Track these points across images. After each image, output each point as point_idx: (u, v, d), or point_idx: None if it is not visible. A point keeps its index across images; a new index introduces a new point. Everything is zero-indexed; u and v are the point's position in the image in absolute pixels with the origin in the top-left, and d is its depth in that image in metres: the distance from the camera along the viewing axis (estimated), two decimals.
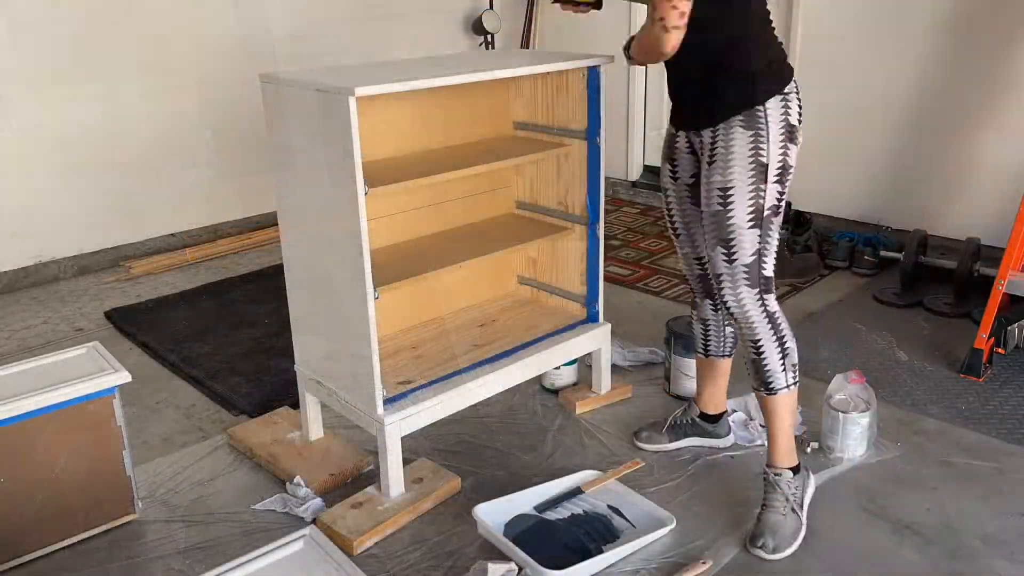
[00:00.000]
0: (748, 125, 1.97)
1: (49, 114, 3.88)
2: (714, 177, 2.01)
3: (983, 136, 3.72)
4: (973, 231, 3.73)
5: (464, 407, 2.37)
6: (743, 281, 2.04)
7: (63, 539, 2.12)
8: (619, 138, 5.12)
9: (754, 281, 2.04)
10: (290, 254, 2.33)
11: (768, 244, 2.03)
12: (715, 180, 2.01)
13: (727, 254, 2.03)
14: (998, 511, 2.19)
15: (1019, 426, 2.57)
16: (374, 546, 2.11)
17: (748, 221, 1.99)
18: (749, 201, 1.99)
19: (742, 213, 1.99)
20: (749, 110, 1.97)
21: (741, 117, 1.97)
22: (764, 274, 2.05)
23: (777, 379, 2.09)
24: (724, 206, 2.00)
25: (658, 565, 2.01)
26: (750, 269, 2.03)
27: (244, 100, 4.42)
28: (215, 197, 4.51)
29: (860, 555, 2.04)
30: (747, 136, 1.97)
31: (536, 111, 2.66)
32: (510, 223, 2.75)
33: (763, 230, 2.01)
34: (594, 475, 2.28)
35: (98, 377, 2.10)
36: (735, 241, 2.01)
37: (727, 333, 2.37)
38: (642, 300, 3.64)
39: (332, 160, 2.01)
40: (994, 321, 2.82)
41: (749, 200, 1.99)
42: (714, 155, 2.02)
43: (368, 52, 4.90)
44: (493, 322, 2.71)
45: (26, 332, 3.47)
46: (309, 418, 2.49)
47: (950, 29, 3.72)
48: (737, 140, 1.98)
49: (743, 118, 1.97)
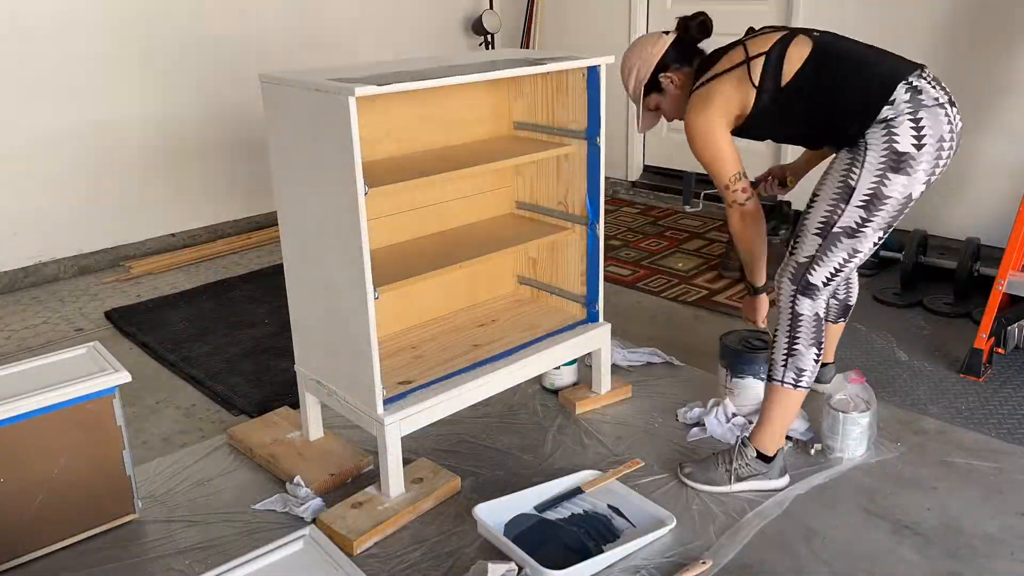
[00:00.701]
0: (850, 151, 2.11)
1: (49, 114, 3.88)
2: (816, 186, 2.20)
3: (983, 136, 3.72)
4: (973, 231, 3.74)
5: (464, 407, 2.37)
6: (789, 273, 2.21)
7: (63, 539, 2.12)
8: (619, 138, 5.13)
9: (796, 279, 2.19)
10: (290, 254, 2.33)
11: (826, 257, 2.15)
12: (816, 188, 2.20)
13: (793, 246, 2.22)
14: (998, 511, 2.19)
15: (1019, 426, 2.57)
16: (374, 546, 2.11)
17: (816, 229, 2.15)
18: (824, 213, 2.13)
19: (814, 220, 2.15)
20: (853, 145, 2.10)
21: (848, 147, 2.12)
22: (808, 279, 2.18)
23: (776, 370, 2.22)
24: (808, 208, 2.19)
25: (658, 565, 2.01)
26: (799, 268, 2.18)
27: (244, 100, 4.43)
28: (215, 197, 4.52)
29: (860, 555, 2.04)
30: (846, 159, 2.11)
31: (536, 111, 2.66)
32: (510, 223, 2.75)
33: (826, 242, 2.14)
34: (594, 475, 2.28)
35: (98, 377, 2.10)
36: (800, 239, 2.19)
37: (833, 304, 2.59)
38: (642, 300, 3.63)
39: (332, 160, 2.01)
40: (994, 321, 2.82)
41: (824, 212, 2.13)
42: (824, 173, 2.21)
43: (368, 52, 4.91)
44: (493, 322, 2.71)
45: (26, 332, 3.47)
46: (309, 418, 2.49)
47: (950, 29, 3.72)
48: (839, 161, 2.14)
49: (849, 148, 2.12)
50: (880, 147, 2.04)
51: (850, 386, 2.45)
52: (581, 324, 2.68)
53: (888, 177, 2.05)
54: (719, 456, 2.29)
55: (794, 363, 2.18)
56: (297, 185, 2.20)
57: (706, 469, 2.28)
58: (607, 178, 5.26)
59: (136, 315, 3.56)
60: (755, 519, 2.16)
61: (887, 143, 2.03)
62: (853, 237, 2.11)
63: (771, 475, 2.26)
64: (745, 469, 2.25)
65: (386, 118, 2.42)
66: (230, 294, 3.80)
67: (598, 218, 2.58)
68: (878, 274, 3.77)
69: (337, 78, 2.01)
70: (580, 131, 2.53)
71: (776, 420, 2.24)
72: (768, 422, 2.25)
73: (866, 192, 2.06)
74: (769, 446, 2.25)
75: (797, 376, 2.19)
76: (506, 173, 2.80)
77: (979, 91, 3.68)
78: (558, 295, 2.80)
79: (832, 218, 2.11)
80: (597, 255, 2.63)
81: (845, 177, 2.08)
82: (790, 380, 2.19)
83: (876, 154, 2.04)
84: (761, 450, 2.25)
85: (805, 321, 2.18)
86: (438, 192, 2.63)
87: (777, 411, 2.23)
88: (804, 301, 2.18)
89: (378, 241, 2.49)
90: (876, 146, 2.04)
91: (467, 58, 2.50)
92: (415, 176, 2.19)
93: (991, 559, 2.02)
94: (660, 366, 2.99)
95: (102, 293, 3.87)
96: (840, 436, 2.39)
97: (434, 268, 2.32)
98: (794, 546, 2.07)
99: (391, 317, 2.61)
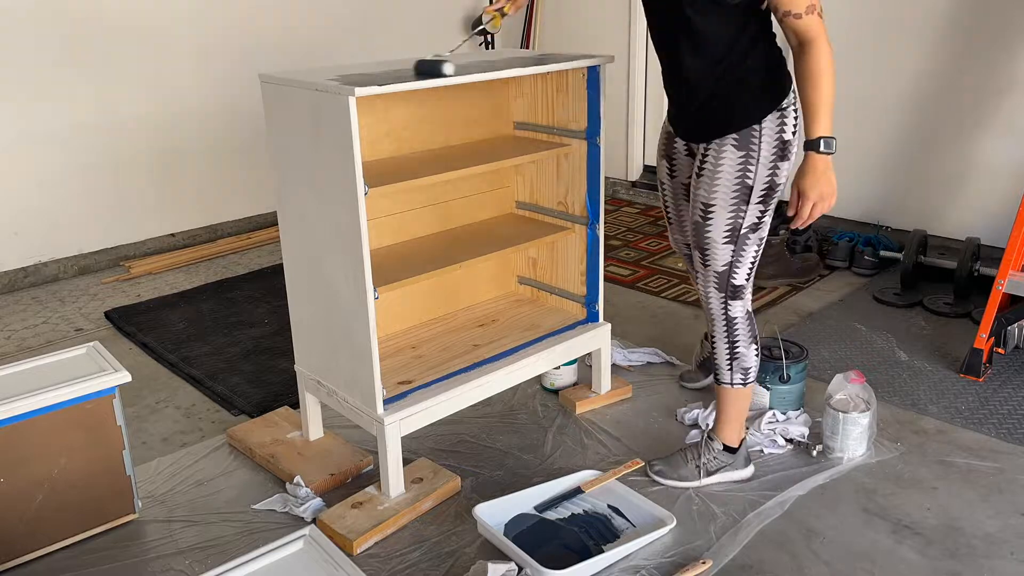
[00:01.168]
0: (740, 145, 2.02)
1: (49, 114, 3.88)
2: (699, 192, 2.10)
3: (983, 136, 3.72)
4: (973, 231, 3.74)
5: (464, 407, 2.37)
6: (713, 284, 2.18)
7: (63, 539, 2.12)
8: (619, 138, 5.12)
9: (722, 287, 2.17)
10: (290, 254, 2.33)
11: (742, 257, 2.12)
12: (700, 195, 2.10)
13: (702, 260, 2.17)
14: (998, 511, 2.19)
15: (1019, 426, 2.57)
16: (374, 546, 2.11)
17: (724, 238, 2.10)
18: (727, 220, 2.08)
19: (719, 230, 2.09)
20: (745, 129, 2.01)
21: (735, 136, 2.02)
22: (733, 283, 2.16)
23: (723, 374, 2.26)
24: (704, 220, 2.10)
25: (658, 565, 2.01)
26: (720, 276, 2.16)
27: (244, 100, 4.43)
28: (215, 197, 4.52)
29: (860, 555, 2.04)
30: (737, 157, 2.02)
31: (536, 111, 2.66)
32: (510, 223, 2.75)
33: (737, 246, 2.10)
34: (594, 475, 2.28)
35: (98, 377, 2.10)
36: (709, 252, 2.13)
37: None
38: (642, 300, 3.63)
39: (332, 160, 2.01)
40: (994, 321, 2.82)
41: (728, 219, 2.07)
42: (703, 170, 2.09)
43: (368, 52, 4.90)
44: (493, 322, 2.71)
45: (26, 332, 3.47)
46: (309, 418, 2.49)
47: (950, 29, 3.72)
48: (726, 160, 2.03)
49: (737, 137, 2.02)
50: (772, 137, 2.01)
51: (850, 386, 2.45)
52: (581, 324, 2.68)
53: (778, 167, 2.03)
54: (687, 452, 2.34)
55: (739, 365, 2.24)
56: (297, 185, 2.20)
57: (676, 466, 2.32)
58: (607, 178, 5.27)
59: (136, 315, 3.56)
60: (755, 519, 2.16)
61: (779, 132, 2.01)
62: (757, 231, 2.10)
63: (737, 465, 2.32)
64: (713, 462, 2.30)
65: (386, 118, 2.42)
66: (230, 294, 3.79)
67: (598, 218, 2.58)
68: (878, 274, 3.77)
69: (337, 78, 2.01)
70: (580, 131, 2.53)
71: (734, 415, 2.31)
72: (727, 418, 2.31)
73: (763, 187, 2.04)
74: (733, 438, 2.32)
75: (744, 375, 2.25)
76: (506, 173, 2.80)
77: (979, 91, 3.68)
78: (558, 295, 2.80)
79: (737, 223, 2.07)
80: (597, 255, 2.63)
81: (742, 177, 2.03)
82: (738, 381, 2.25)
83: (768, 145, 2.01)
84: (726, 443, 2.31)
85: (740, 323, 2.20)
86: (438, 192, 2.63)
87: (733, 408, 2.30)
88: (735, 304, 2.18)
89: (378, 241, 2.49)
90: (769, 136, 2.00)
91: (467, 58, 2.50)
92: (415, 176, 2.19)
93: (991, 559, 2.02)
94: (660, 366, 2.99)
95: (102, 293, 3.87)
96: (840, 436, 2.39)
97: (434, 268, 2.32)
98: (794, 546, 2.08)
99: (391, 317, 2.61)
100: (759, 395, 2.56)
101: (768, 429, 2.49)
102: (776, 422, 2.51)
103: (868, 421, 2.39)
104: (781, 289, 3.68)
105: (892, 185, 4.04)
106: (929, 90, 3.84)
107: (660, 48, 2.16)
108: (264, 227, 4.68)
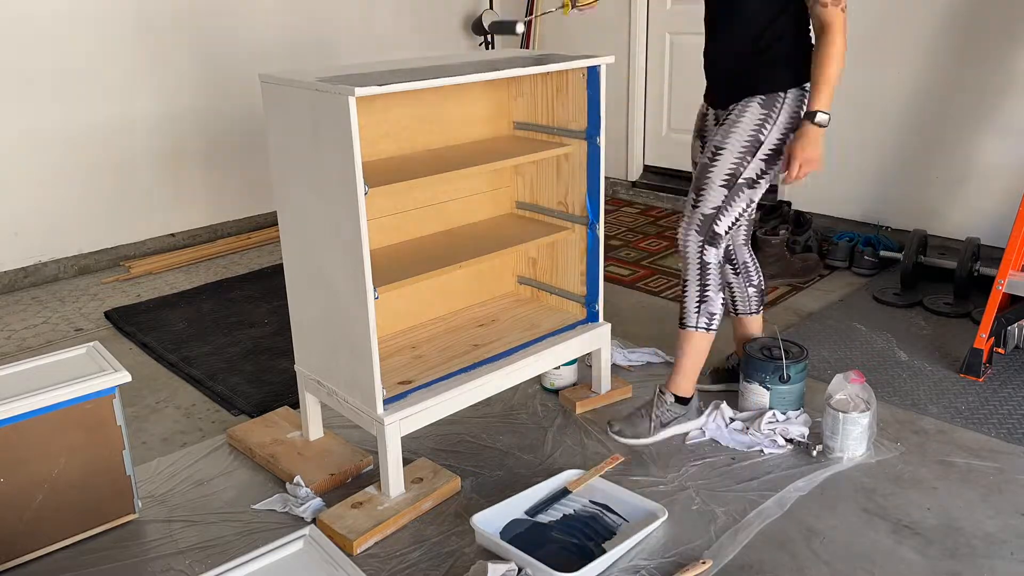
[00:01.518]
0: (765, 104, 2.26)
1: (49, 114, 3.88)
2: (716, 137, 2.31)
3: (983, 136, 3.72)
4: (973, 231, 3.74)
5: (464, 407, 2.38)
6: (695, 227, 2.34)
7: (63, 539, 2.12)
8: (619, 138, 5.13)
9: (703, 231, 2.34)
10: (290, 254, 2.33)
11: (730, 207, 2.32)
12: (715, 139, 2.31)
13: (694, 200, 2.34)
14: (998, 511, 2.19)
15: (1019, 426, 2.57)
16: (374, 546, 2.11)
17: (723, 180, 2.29)
18: (731, 165, 2.28)
19: (720, 172, 2.29)
20: (772, 93, 2.25)
21: (763, 97, 2.26)
22: (715, 229, 2.34)
23: (689, 317, 2.43)
24: (711, 161, 2.30)
25: (658, 565, 2.01)
26: (705, 220, 2.33)
27: (244, 100, 4.43)
28: (215, 197, 4.52)
29: (860, 555, 2.04)
30: (759, 113, 2.26)
31: (536, 111, 2.66)
32: (510, 223, 2.75)
33: (731, 193, 2.30)
34: (578, 474, 2.28)
35: (98, 377, 2.10)
36: (704, 192, 2.31)
37: (750, 294, 2.67)
38: (642, 300, 3.64)
39: (332, 160, 2.01)
40: (994, 321, 2.82)
41: (732, 164, 2.28)
42: (726, 121, 2.32)
43: (368, 52, 4.91)
44: (493, 322, 2.71)
45: (26, 332, 3.47)
46: (309, 418, 2.49)
47: (950, 29, 3.72)
48: (749, 113, 2.27)
49: (764, 98, 2.26)
50: (793, 108, 2.27)
51: (850, 386, 2.45)
52: (581, 324, 2.68)
53: (789, 136, 2.28)
54: (642, 409, 2.50)
55: (706, 309, 2.40)
56: (297, 185, 2.20)
57: (633, 424, 2.47)
58: (607, 178, 5.27)
59: (136, 315, 3.56)
60: (755, 519, 2.16)
61: (798, 107, 2.27)
62: (752, 188, 2.31)
63: (690, 415, 2.48)
64: (667, 414, 2.46)
65: (386, 118, 2.42)
66: (230, 294, 3.80)
67: (598, 218, 2.58)
68: (878, 274, 3.78)
69: (337, 78, 2.01)
70: (580, 131, 2.53)
71: (689, 364, 2.46)
72: (682, 367, 2.46)
73: (771, 147, 2.27)
74: (687, 388, 2.47)
75: (709, 320, 2.41)
76: (506, 173, 2.80)
77: (979, 91, 3.68)
78: (558, 295, 2.80)
79: (739, 170, 2.28)
80: (597, 255, 2.63)
81: (757, 132, 2.25)
82: (703, 325, 2.41)
83: (787, 114, 2.26)
84: (679, 393, 2.47)
85: (712, 269, 2.37)
86: (438, 192, 2.63)
87: (691, 355, 2.45)
88: (711, 251, 2.36)
89: (378, 241, 2.49)
90: (790, 106, 2.26)
91: (467, 58, 2.50)
92: (415, 176, 2.19)
93: (991, 559, 2.02)
94: (660, 366, 2.99)
95: (102, 293, 3.87)
96: (840, 436, 2.39)
97: (434, 268, 2.32)
98: (794, 546, 2.08)
99: (391, 317, 2.61)
100: (759, 395, 2.56)
101: (768, 429, 2.49)
102: (776, 422, 2.51)
103: (868, 421, 2.39)
104: (781, 289, 3.68)
105: (892, 185, 4.04)
106: (929, 90, 3.84)
107: (709, 23, 2.40)
108: (264, 227, 4.68)
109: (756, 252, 3.70)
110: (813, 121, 2.21)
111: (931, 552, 2.05)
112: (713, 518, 2.18)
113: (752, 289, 2.66)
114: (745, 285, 2.65)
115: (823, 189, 4.23)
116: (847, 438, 2.39)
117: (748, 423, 2.53)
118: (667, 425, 2.46)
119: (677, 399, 2.46)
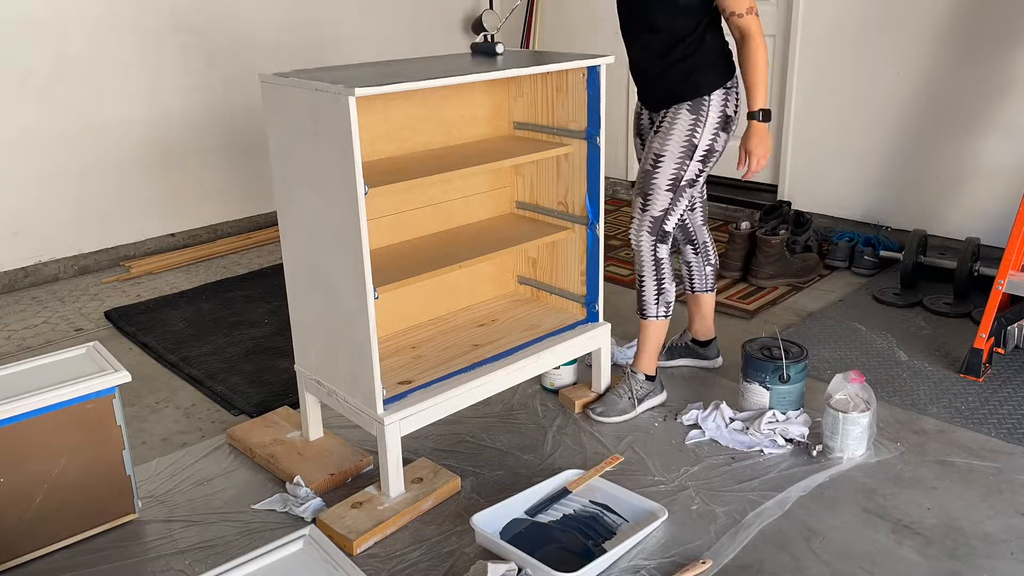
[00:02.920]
0: (693, 110, 2.44)
1: (49, 114, 3.88)
2: (654, 144, 2.50)
3: (983, 136, 3.72)
4: (973, 231, 3.74)
5: (464, 407, 2.37)
6: (647, 228, 2.54)
7: (63, 539, 2.12)
8: (619, 138, 5.12)
9: (655, 231, 2.54)
10: (290, 254, 2.33)
11: (676, 206, 2.52)
12: (654, 147, 2.50)
13: (643, 205, 2.53)
14: (998, 511, 2.19)
15: (1019, 426, 2.57)
16: (374, 546, 2.11)
17: (667, 185, 2.49)
18: (673, 170, 2.47)
19: (664, 178, 2.48)
20: (697, 98, 2.43)
21: (690, 103, 2.44)
22: (664, 228, 2.54)
23: (649, 308, 2.63)
24: (654, 168, 2.49)
25: (658, 565, 2.01)
26: (655, 221, 2.53)
27: (244, 100, 4.43)
28: (215, 197, 4.52)
29: (860, 555, 2.04)
30: (689, 119, 2.44)
31: (536, 111, 2.66)
32: (510, 223, 2.75)
33: (676, 195, 2.50)
34: (577, 474, 2.28)
35: (98, 377, 2.10)
36: (652, 197, 2.50)
37: (707, 272, 2.83)
38: None
39: (332, 160, 2.01)
40: (994, 321, 2.82)
41: (673, 169, 2.47)
42: (660, 128, 2.50)
43: (368, 52, 4.91)
44: (493, 322, 2.71)
45: (26, 332, 3.47)
46: (309, 418, 2.49)
47: (949, 29, 3.72)
48: (680, 120, 2.45)
49: (691, 104, 2.44)
50: (718, 109, 2.44)
51: (850, 386, 2.45)
52: (581, 324, 2.68)
53: (719, 135, 2.47)
54: (618, 388, 2.67)
55: (664, 299, 2.61)
56: (297, 185, 2.20)
57: (613, 404, 2.63)
58: (607, 178, 5.27)
59: (136, 315, 3.56)
60: (755, 519, 2.16)
61: (723, 106, 2.45)
62: (693, 186, 2.51)
63: (656, 391, 2.70)
64: (641, 391, 2.66)
65: (386, 118, 2.42)
66: (230, 294, 3.80)
67: (598, 218, 2.58)
68: (878, 274, 3.78)
69: (337, 78, 2.01)
70: (580, 131, 2.53)
71: (652, 347, 2.67)
72: (646, 350, 2.67)
73: (705, 147, 2.46)
74: (652, 367, 2.68)
75: (667, 309, 2.63)
76: (506, 173, 2.80)
77: (979, 91, 3.68)
78: (558, 295, 2.80)
79: (680, 173, 2.47)
80: (597, 255, 2.63)
81: (690, 136, 2.44)
82: (662, 313, 2.63)
83: (714, 115, 2.44)
84: (647, 372, 2.67)
85: (665, 263, 2.58)
86: (438, 192, 2.63)
87: (653, 340, 2.66)
88: (662, 247, 2.56)
89: (378, 241, 2.49)
90: (715, 107, 2.43)
91: (467, 58, 2.50)
92: (415, 176, 2.19)
93: (991, 559, 2.02)
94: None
95: (102, 293, 3.87)
96: (840, 436, 2.39)
97: (434, 268, 2.32)
98: (794, 546, 2.08)
99: (391, 317, 2.61)
100: (759, 395, 2.56)
101: (768, 429, 2.49)
102: (776, 422, 2.51)
103: (868, 421, 2.39)
104: (781, 289, 3.68)
105: (892, 185, 4.04)
106: (929, 90, 3.84)
107: (630, 39, 2.55)
108: (264, 227, 4.68)
109: (756, 252, 3.72)
110: (759, 120, 2.45)
111: (931, 552, 2.05)
112: (713, 518, 2.18)
113: (709, 268, 2.82)
114: (703, 264, 2.81)
115: (823, 189, 4.23)
116: (847, 438, 2.39)
117: (748, 423, 2.53)
118: (642, 400, 2.65)
119: (647, 377, 2.67)
